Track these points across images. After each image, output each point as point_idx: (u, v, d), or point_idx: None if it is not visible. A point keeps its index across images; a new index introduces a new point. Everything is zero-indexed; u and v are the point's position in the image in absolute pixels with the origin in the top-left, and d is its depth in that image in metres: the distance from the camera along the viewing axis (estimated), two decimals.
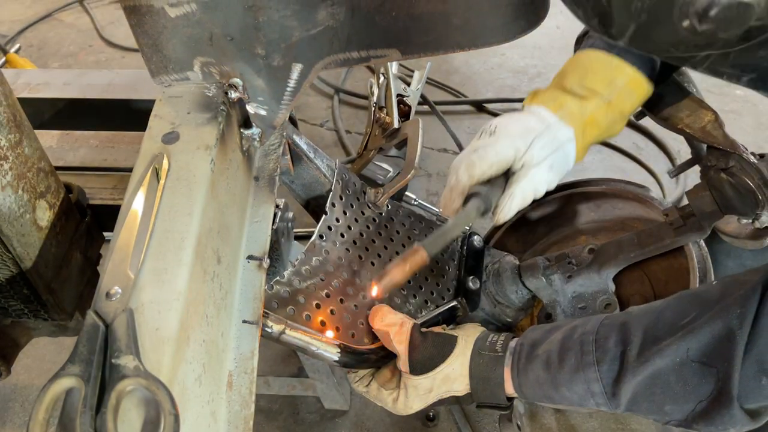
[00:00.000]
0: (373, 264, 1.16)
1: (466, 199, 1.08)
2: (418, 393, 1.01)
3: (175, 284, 0.73)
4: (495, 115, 2.44)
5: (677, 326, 0.85)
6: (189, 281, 0.74)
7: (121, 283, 0.72)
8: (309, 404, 1.60)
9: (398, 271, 0.99)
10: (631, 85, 1.10)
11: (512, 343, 1.00)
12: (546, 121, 1.09)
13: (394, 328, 1.01)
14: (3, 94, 0.81)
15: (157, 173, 0.82)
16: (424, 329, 1.03)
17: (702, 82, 1.23)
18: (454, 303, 1.21)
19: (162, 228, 0.77)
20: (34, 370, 1.33)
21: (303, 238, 1.77)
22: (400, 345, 1.00)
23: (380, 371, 1.07)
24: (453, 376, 0.99)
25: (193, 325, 0.75)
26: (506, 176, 1.10)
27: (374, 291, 1.06)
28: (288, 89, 0.92)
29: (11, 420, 1.58)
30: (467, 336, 1.02)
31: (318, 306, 1.04)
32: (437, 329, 1.05)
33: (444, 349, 1.00)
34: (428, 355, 1.00)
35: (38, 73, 1.27)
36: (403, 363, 1.00)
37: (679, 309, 0.88)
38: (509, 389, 0.98)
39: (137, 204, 0.79)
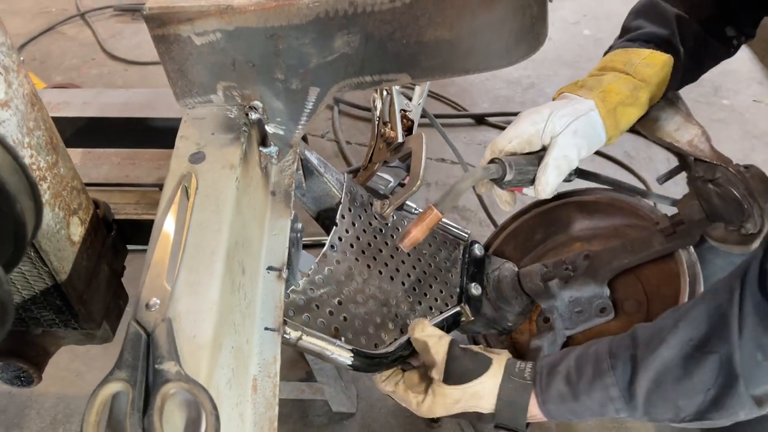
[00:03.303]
0: (380, 272, 1.22)
1: None
2: (445, 402, 1.05)
3: (209, 295, 0.79)
4: (494, 126, 2.51)
5: (675, 321, 0.93)
6: (220, 292, 0.80)
7: (159, 294, 0.78)
8: (317, 407, 1.65)
9: (418, 230, 1.05)
10: (648, 59, 1.18)
11: (536, 365, 1.06)
12: (566, 98, 1.17)
13: (434, 339, 1.07)
14: (42, 119, 0.87)
15: (186, 191, 0.88)
16: (462, 346, 1.08)
17: (691, 92, 1.30)
18: (458, 309, 1.27)
19: (194, 243, 0.83)
20: (49, 378, 1.37)
21: (309, 246, 1.84)
22: (438, 355, 1.05)
23: (409, 375, 1.12)
24: (482, 394, 1.04)
25: (224, 332, 0.81)
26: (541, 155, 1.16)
27: (403, 245, 1.09)
28: (305, 111, 0.99)
29: (28, 426, 1.63)
30: (500, 360, 1.07)
31: (331, 313, 1.09)
32: (475, 348, 1.10)
33: (480, 366, 1.05)
34: (464, 368, 1.04)
35: (58, 93, 1.33)
36: (437, 371, 1.05)
37: (677, 311, 0.96)
38: (533, 411, 1.03)
39: (169, 221, 0.85)
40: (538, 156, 1.15)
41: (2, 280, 0.49)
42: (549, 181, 1.12)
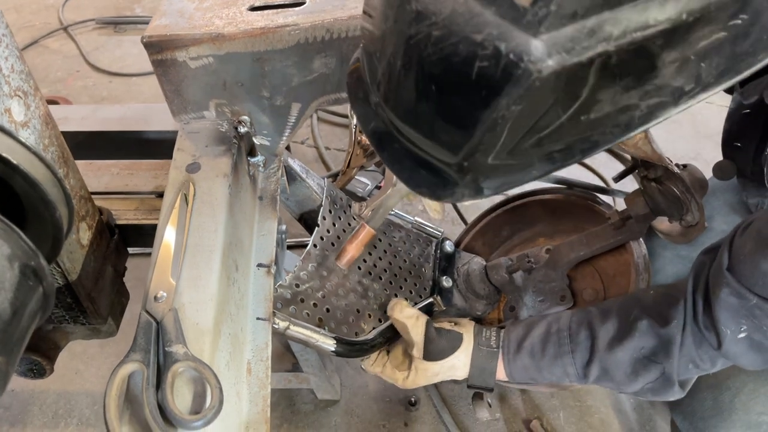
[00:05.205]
0: (359, 268, 1.33)
1: None
2: (426, 375, 1.19)
3: (208, 288, 0.91)
4: None
5: (629, 324, 1.07)
6: (218, 285, 0.92)
7: (165, 288, 0.89)
8: (304, 396, 1.74)
9: (353, 247, 1.16)
10: None
11: (502, 336, 1.20)
12: None
13: (411, 320, 1.20)
14: (55, 136, 0.97)
15: (185, 198, 0.99)
16: (435, 324, 1.21)
17: None
18: (431, 300, 1.37)
19: (194, 243, 0.95)
20: (50, 376, 1.46)
21: (292, 247, 1.95)
22: (417, 336, 1.18)
23: (393, 355, 1.25)
24: (458, 366, 1.19)
25: (222, 320, 0.93)
26: None
27: (341, 264, 1.19)
28: (289, 124, 1.11)
29: (31, 422, 1.72)
30: (468, 332, 1.21)
31: (315, 305, 1.19)
32: (446, 325, 1.22)
33: (454, 343, 1.19)
34: (441, 347, 1.18)
35: (58, 109, 1.43)
36: (417, 350, 1.18)
37: (625, 308, 1.11)
38: (499, 375, 1.19)
39: (171, 224, 0.97)
40: None
41: (47, 273, 0.60)
42: None
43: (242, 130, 1.09)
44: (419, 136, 0.68)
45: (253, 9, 1.04)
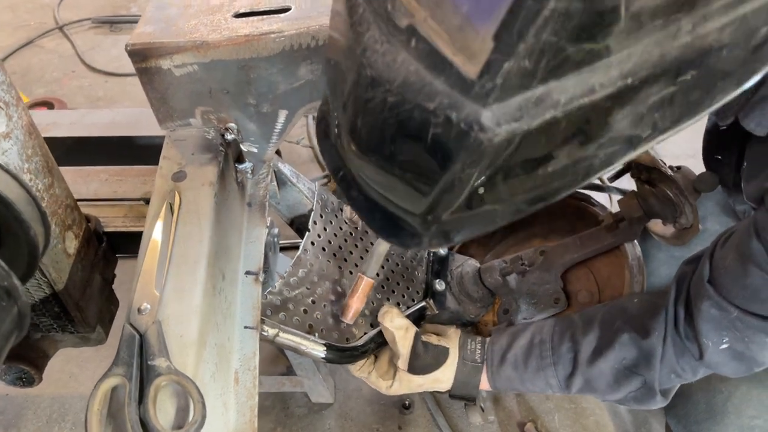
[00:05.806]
0: (351, 273, 1.32)
1: None
2: (410, 386, 1.20)
3: (193, 299, 0.90)
4: None
5: (611, 336, 1.07)
6: (203, 296, 0.91)
7: (149, 300, 0.89)
8: (298, 399, 1.73)
9: (355, 301, 1.16)
10: None
11: (486, 347, 1.20)
12: None
13: (401, 332, 1.18)
14: (39, 146, 0.96)
15: (171, 207, 0.98)
16: (423, 339, 1.20)
17: None
18: (423, 303, 1.37)
19: (178, 253, 0.94)
20: (45, 380, 1.45)
21: (285, 249, 1.94)
22: (404, 348, 1.17)
23: (379, 364, 1.25)
24: (442, 379, 1.19)
25: (208, 331, 0.92)
26: None
27: (347, 319, 1.20)
28: (276, 131, 1.10)
29: (25, 426, 1.71)
30: (454, 346, 1.20)
31: (305, 311, 1.18)
32: (433, 339, 1.21)
33: (439, 359, 1.18)
34: (426, 363, 1.18)
35: (46, 114, 1.43)
36: (402, 362, 1.17)
37: (609, 318, 1.11)
38: (483, 386, 1.19)
39: (156, 234, 0.96)
40: None
41: (21, 293, 0.59)
42: None
43: (229, 137, 1.08)
44: (382, 191, 0.70)
45: (238, 16, 1.03)
